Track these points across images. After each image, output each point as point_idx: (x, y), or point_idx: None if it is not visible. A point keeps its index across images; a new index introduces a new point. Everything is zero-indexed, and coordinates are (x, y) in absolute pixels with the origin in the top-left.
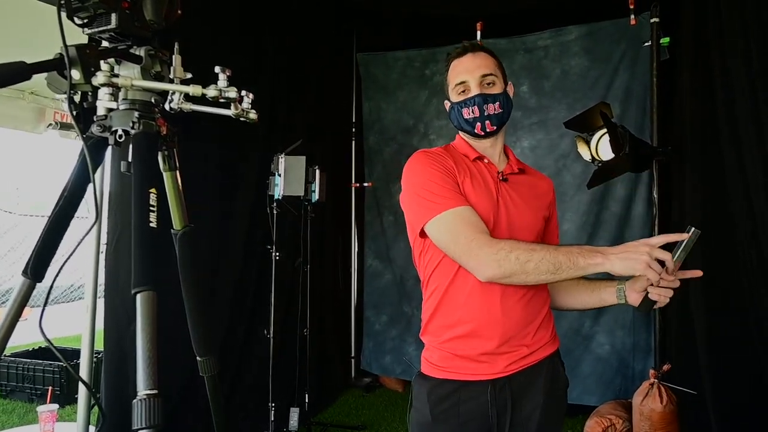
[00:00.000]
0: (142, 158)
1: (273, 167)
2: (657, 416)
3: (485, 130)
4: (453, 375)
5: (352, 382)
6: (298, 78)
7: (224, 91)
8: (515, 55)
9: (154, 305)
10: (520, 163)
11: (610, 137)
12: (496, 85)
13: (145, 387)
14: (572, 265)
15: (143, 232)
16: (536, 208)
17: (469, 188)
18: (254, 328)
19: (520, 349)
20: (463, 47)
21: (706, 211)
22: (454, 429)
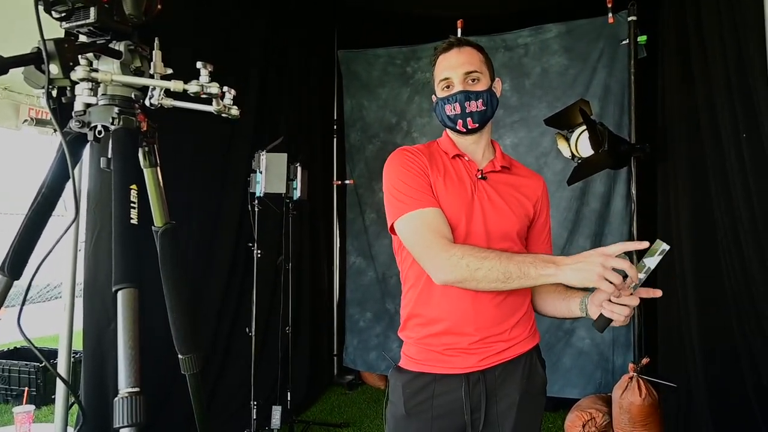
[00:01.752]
0: (122, 154)
1: (254, 164)
2: (636, 409)
3: (467, 127)
4: (428, 368)
5: (334, 380)
6: (281, 75)
7: (206, 87)
8: (495, 53)
9: (136, 302)
10: (505, 161)
11: (589, 134)
12: (480, 81)
13: (127, 385)
14: (522, 275)
15: (124, 229)
16: (517, 208)
17: (441, 187)
18: (237, 327)
19: (496, 345)
20: (449, 42)
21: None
22: (427, 423)
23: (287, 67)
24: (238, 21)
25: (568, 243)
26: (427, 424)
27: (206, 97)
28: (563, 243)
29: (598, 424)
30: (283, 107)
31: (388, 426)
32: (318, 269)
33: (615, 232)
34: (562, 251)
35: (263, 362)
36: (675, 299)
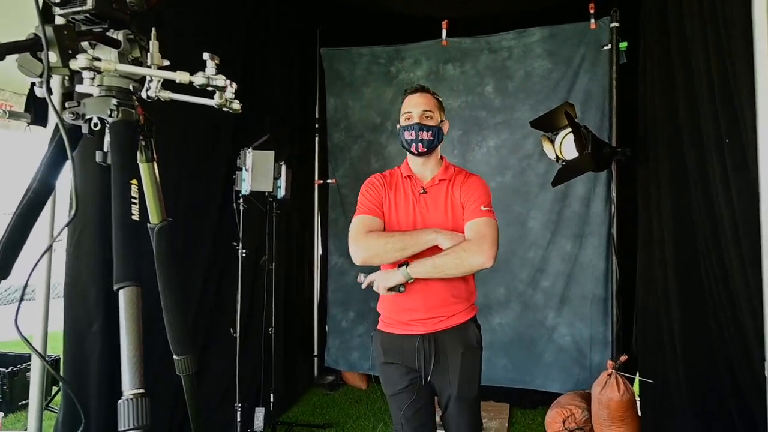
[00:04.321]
0: (122, 148)
1: (239, 162)
2: (615, 405)
3: (418, 150)
4: (397, 331)
5: (315, 381)
6: (263, 71)
7: (212, 79)
8: (480, 54)
9: (138, 301)
10: (447, 174)
11: (574, 137)
12: (432, 119)
13: (132, 386)
14: (415, 242)
15: (125, 226)
16: (449, 209)
17: (392, 204)
18: (218, 327)
19: (440, 318)
20: (415, 87)
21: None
22: (399, 367)
23: (269, 63)
24: (217, 16)
25: (551, 243)
26: (399, 368)
27: (211, 90)
28: (546, 243)
29: (577, 420)
30: (265, 104)
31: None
32: (299, 269)
33: (595, 233)
34: (545, 251)
35: (245, 363)
36: (654, 298)
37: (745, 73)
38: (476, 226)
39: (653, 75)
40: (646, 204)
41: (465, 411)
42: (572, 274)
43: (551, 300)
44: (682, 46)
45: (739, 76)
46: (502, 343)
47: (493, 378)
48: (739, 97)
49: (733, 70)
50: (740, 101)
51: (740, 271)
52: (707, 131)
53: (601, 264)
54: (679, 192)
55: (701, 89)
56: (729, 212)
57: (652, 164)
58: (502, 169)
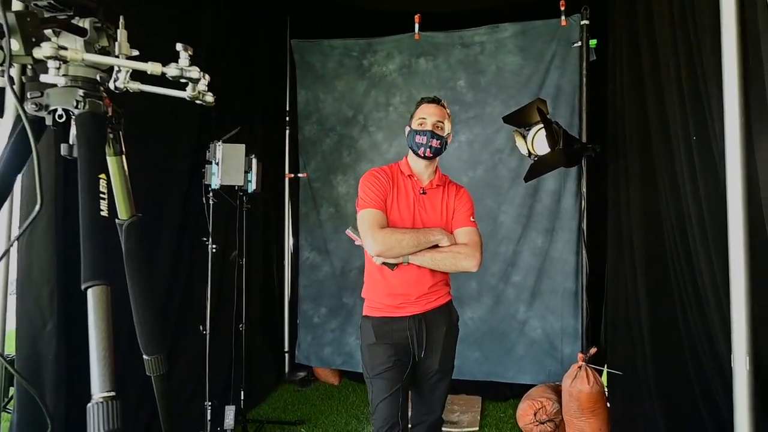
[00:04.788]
0: (90, 141)
1: (209, 155)
2: (585, 397)
3: (425, 154)
4: (387, 314)
5: (286, 377)
6: (231, 62)
7: (186, 71)
8: (452, 49)
9: (108, 301)
10: (441, 181)
11: (546, 133)
12: (443, 130)
13: (102, 389)
14: (426, 240)
15: (94, 222)
16: (442, 213)
17: (394, 199)
18: (183, 324)
19: (428, 299)
20: (433, 98)
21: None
22: (390, 345)
23: (237, 51)
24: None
25: (522, 238)
26: (390, 347)
27: (183, 81)
28: (517, 238)
29: (548, 412)
30: (232, 96)
31: (363, 354)
32: (270, 264)
33: (565, 227)
34: (517, 245)
35: (214, 361)
36: (622, 291)
37: (713, 71)
38: (470, 234)
39: (622, 72)
40: (616, 199)
41: (441, 382)
42: (543, 268)
43: (522, 294)
44: (651, 43)
45: (707, 73)
46: (474, 337)
47: (465, 371)
48: (707, 95)
49: (702, 68)
50: (709, 99)
51: (707, 266)
52: (676, 128)
53: (571, 258)
54: (648, 188)
55: (670, 86)
56: (696, 208)
57: (622, 160)
58: (473, 164)
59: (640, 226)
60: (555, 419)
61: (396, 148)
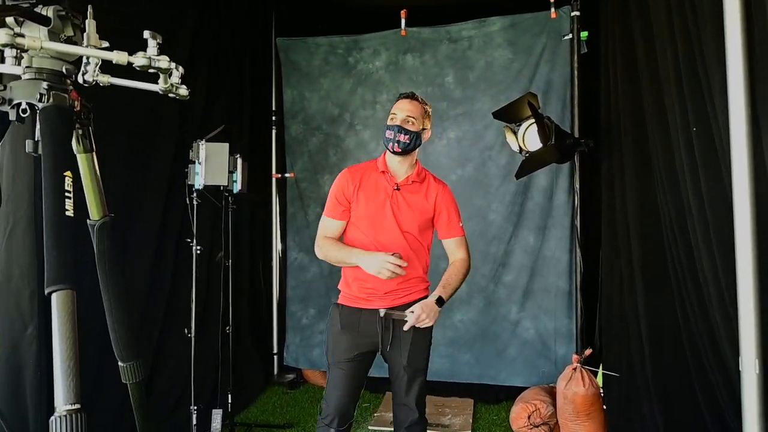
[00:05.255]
0: (54, 136)
1: (192, 155)
2: (580, 399)
3: (393, 149)
4: (357, 305)
5: (274, 380)
6: (216, 60)
7: (154, 60)
8: (439, 45)
9: (73, 306)
10: (419, 177)
11: (537, 128)
12: (414, 125)
13: (66, 401)
14: (342, 260)
15: (58, 222)
16: (418, 211)
17: (363, 195)
18: (168, 327)
19: (397, 295)
20: (408, 94)
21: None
22: (355, 336)
23: (220, 51)
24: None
25: (514, 236)
26: (355, 337)
27: (153, 72)
28: (509, 236)
29: (542, 415)
30: (215, 94)
31: (327, 339)
32: (257, 265)
33: (558, 225)
34: (508, 244)
35: (200, 364)
36: (618, 290)
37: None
38: (464, 244)
39: (615, 64)
40: (610, 195)
41: (413, 380)
42: (535, 268)
43: (514, 294)
44: (647, 32)
45: (708, 61)
46: (465, 340)
47: (457, 374)
48: (708, 84)
49: (702, 56)
50: (710, 88)
51: (709, 262)
52: (674, 120)
53: (564, 256)
54: (644, 182)
55: (667, 76)
56: (698, 202)
57: (616, 155)
58: (462, 161)
59: (637, 222)
60: (549, 422)
61: (383, 147)
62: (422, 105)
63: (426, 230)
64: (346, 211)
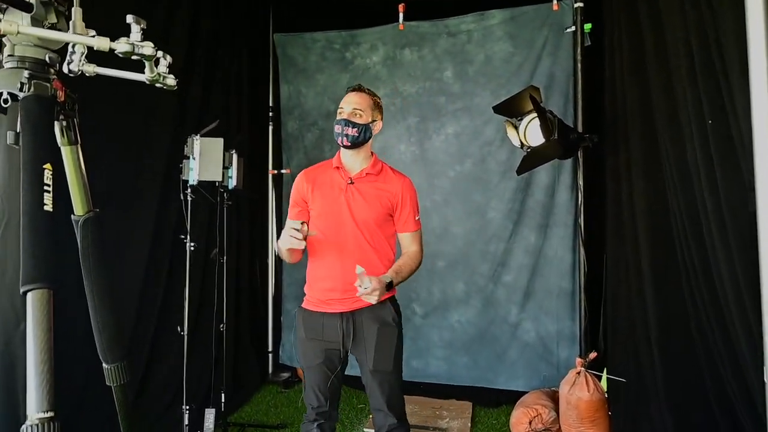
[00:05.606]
0: (34, 126)
1: (187, 150)
2: (584, 405)
3: (343, 143)
4: (318, 309)
5: (269, 378)
6: (213, 56)
7: (138, 47)
8: (438, 39)
9: (49, 306)
10: (375, 170)
11: (540, 122)
12: (361, 117)
13: (39, 409)
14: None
15: (35, 217)
16: (375, 203)
17: (318, 193)
18: (162, 325)
19: (355, 297)
20: (354, 87)
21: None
22: (319, 343)
23: (217, 47)
24: None
25: (514, 234)
26: (320, 344)
27: (137, 59)
28: (509, 235)
29: (544, 421)
30: (212, 90)
31: (295, 345)
32: (252, 262)
33: (560, 222)
34: (507, 243)
35: (193, 363)
36: (624, 291)
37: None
38: (419, 239)
39: (621, 55)
40: (616, 192)
41: (383, 384)
42: (537, 267)
43: (514, 295)
44: (655, 19)
45: (725, 47)
46: (462, 342)
47: (454, 377)
48: (725, 73)
49: (718, 42)
50: (727, 77)
51: (726, 261)
52: (686, 112)
53: (567, 256)
54: (653, 178)
55: (678, 66)
56: (713, 199)
57: (622, 150)
58: (461, 157)
59: (644, 220)
60: (551, 428)
61: (379, 142)
62: (371, 97)
63: (385, 223)
64: (302, 211)
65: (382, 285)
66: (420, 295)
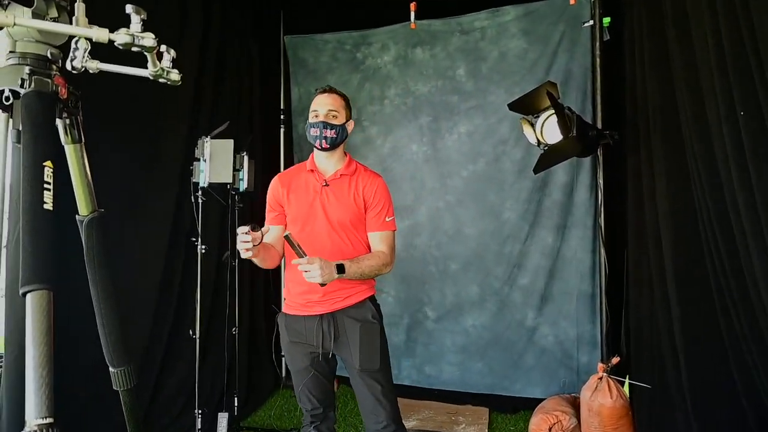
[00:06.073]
0: (34, 123)
1: (197, 152)
2: (607, 411)
3: (321, 146)
4: (298, 312)
5: (282, 382)
6: (224, 59)
7: (138, 38)
8: (451, 37)
9: (49, 309)
10: (349, 170)
11: (557, 119)
12: (337, 118)
13: (38, 415)
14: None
15: (35, 216)
16: (350, 204)
17: (293, 197)
18: (179, 329)
19: (335, 298)
20: (324, 88)
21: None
22: (304, 347)
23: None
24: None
25: (530, 236)
26: (303, 347)
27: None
28: (524, 236)
29: (565, 427)
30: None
31: (283, 349)
32: None
33: (579, 223)
34: (523, 245)
35: (206, 366)
36: (647, 293)
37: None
38: (388, 240)
39: (642, 49)
40: (637, 191)
41: (369, 382)
42: (554, 269)
43: (531, 298)
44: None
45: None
46: (476, 347)
47: (468, 383)
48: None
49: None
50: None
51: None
52: (714, 105)
53: (587, 257)
54: (676, 177)
55: (706, 57)
56: (745, 197)
57: (643, 148)
58: (474, 157)
59: (668, 218)
60: None
61: (391, 142)
62: (341, 97)
63: (361, 224)
64: (279, 215)
65: (326, 266)
66: (432, 298)
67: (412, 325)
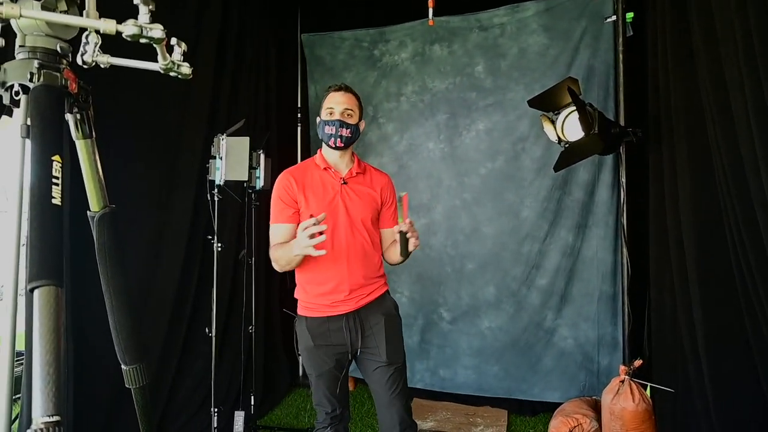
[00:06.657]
0: (42, 117)
1: (213, 150)
2: (629, 415)
3: (336, 144)
4: (322, 314)
5: (299, 381)
6: (242, 57)
7: (146, 29)
8: (469, 33)
9: (57, 305)
10: (360, 168)
11: (579, 116)
12: (352, 117)
13: (44, 412)
14: (289, 255)
15: (43, 211)
16: (369, 199)
17: (310, 195)
18: (196, 327)
19: (360, 295)
20: (339, 86)
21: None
22: (329, 349)
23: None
24: None
25: (549, 235)
26: (330, 350)
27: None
28: (544, 235)
29: (585, 431)
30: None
31: (303, 357)
32: None
33: (600, 223)
34: (542, 244)
35: (223, 365)
36: (670, 295)
37: None
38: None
39: (666, 44)
40: (659, 189)
41: (395, 377)
42: (574, 270)
43: (550, 299)
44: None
45: None
46: (493, 349)
47: (484, 387)
48: None
49: None
50: None
51: None
52: (741, 103)
53: (608, 258)
54: (701, 175)
55: (734, 53)
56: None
57: (666, 145)
58: (493, 154)
59: (690, 219)
60: None
61: (407, 140)
62: (356, 97)
63: (376, 221)
64: (295, 213)
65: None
66: (448, 299)
67: (427, 326)
